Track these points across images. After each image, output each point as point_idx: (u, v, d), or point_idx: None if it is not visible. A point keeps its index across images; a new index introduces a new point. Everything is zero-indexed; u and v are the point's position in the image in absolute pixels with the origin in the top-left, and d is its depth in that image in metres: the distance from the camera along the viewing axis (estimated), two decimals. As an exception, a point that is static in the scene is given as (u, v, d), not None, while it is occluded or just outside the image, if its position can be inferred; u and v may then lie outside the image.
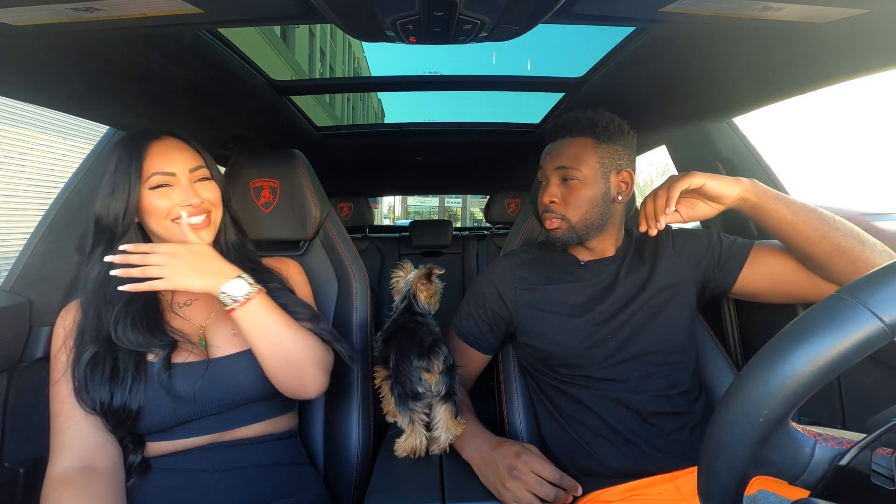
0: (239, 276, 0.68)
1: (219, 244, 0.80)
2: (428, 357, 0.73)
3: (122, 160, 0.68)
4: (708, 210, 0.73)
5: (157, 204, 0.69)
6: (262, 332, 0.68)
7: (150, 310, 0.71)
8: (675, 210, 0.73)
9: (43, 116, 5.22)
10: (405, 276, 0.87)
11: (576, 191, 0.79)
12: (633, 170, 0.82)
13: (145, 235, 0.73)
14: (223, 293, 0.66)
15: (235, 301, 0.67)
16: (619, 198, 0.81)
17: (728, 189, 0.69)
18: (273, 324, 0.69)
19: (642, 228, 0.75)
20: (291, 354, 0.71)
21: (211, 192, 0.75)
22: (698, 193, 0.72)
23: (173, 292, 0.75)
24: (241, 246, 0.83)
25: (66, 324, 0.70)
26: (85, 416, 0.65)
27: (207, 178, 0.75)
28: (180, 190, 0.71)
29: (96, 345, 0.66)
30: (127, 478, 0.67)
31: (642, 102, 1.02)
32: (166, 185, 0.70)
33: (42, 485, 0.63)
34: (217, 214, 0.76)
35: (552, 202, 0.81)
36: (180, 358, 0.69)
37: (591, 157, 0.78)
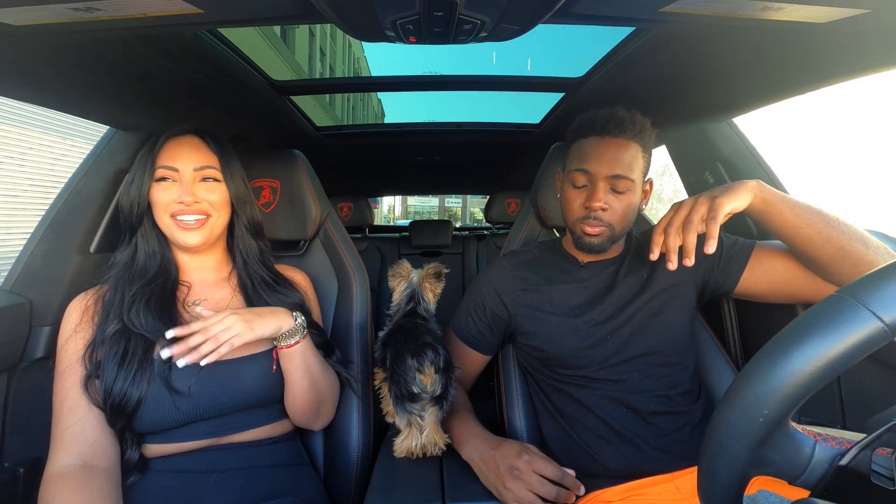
0: (293, 315, 0.74)
1: (234, 251, 0.82)
2: (420, 356, 0.72)
3: (143, 153, 0.73)
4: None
5: (158, 197, 0.72)
6: (305, 370, 0.74)
7: (165, 296, 0.73)
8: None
9: (43, 116, 5.21)
10: (406, 277, 0.87)
11: (625, 199, 0.76)
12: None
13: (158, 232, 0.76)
14: (287, 332, 0.71)
15: (293, 338, 0.72)
16: (644, 206, 0.81)
17: (742, 204, 0.67)
18: (314, 363, 0.76)
19: (669, 266, 0.67)
20: (323, 394, 0.78)
21: (214, 195, 0.75)
22: None
23: (189, 288, 0.78)
24: (259, 254, 0.83)
25: (81, 309, 0.71)
26: (87, 413, 0.65)
27: (215, 180, 0.75)
28: (178, 186, 0.72)
29: (119, 323, 0.68)
30: (126, 476, 0.67)
31: (642, 102, 1.02)
32: (168, 178, 0.73)
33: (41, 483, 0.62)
34: (219, 219, 0.77)
35: (603, 210, 0.76)
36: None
37: (639, 164, 0.76)
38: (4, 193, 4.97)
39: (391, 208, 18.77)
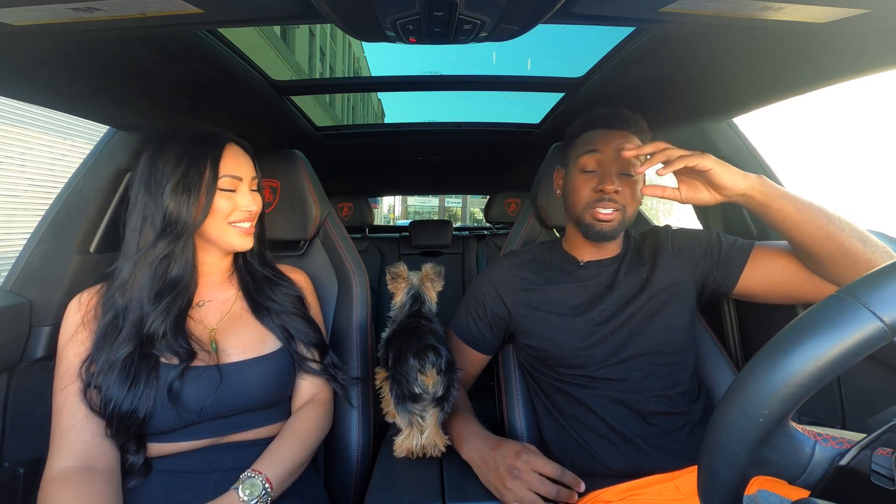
0: (240, 490, 0.64)
1: (237, 253, 0.82)
2: (422, 358, 0.72)
3: (196, 160, 0.70)
4: (708, 197, 0.70)
5: (220, 205, 0.72)
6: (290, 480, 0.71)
7: (183, 308, 0.72)
8: (676, 189, 0.72)
9: (43, 116, 5.21)
10: (405, 279, 0.87)
11: (633, 185, 0.79)
12: None
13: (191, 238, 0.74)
14: None
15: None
16: (641, 200, 0.83)
17: (733, 181, 0.67)
18: (297, 468, 0.73)
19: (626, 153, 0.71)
20: (318, 444, 0.78)
21: (259, 202, 0.79)
22: (703, 178, 0.69)
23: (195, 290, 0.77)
24: (261, 254, 0.85)
25: (81, 311, 0.70)
26: (87, 416, 0.65)
27: (256, 189, 0.80)
28: (243, 195, 0.75)
29: (133, 342, 0.66)
30: (129, 479, 0.67)
31: (642, 102, 1.02)
32: (232, 189, 0.74)
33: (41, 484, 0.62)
34: (256, 224, 0.80)
35: (617, 192, 0.78)
36: (191, 361, 0.69)
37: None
38: (4, 193, 4.97)
39: (391, 208, 18.76)
